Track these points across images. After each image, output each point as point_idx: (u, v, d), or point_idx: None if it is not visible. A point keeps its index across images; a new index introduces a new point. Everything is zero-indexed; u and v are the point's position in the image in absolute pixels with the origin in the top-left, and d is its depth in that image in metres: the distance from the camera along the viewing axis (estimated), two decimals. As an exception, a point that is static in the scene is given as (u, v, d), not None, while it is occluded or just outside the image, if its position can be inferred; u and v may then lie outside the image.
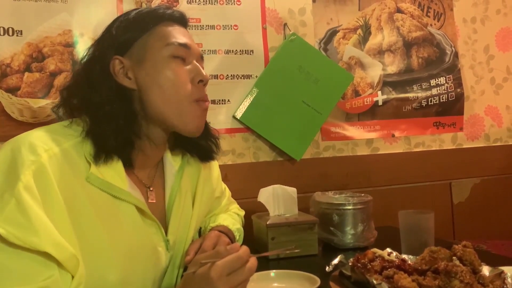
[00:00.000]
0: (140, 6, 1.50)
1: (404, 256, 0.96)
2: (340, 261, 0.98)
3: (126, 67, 0.82)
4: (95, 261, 0.73)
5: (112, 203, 0.77)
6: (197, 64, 0.87)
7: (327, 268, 0.98)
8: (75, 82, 0.83)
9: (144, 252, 0.82)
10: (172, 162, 0.95)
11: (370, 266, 0.86)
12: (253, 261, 0.71)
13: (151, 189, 0.89)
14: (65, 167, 0.72)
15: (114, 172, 0.78)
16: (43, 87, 1.39)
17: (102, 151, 0.77)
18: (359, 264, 0.87)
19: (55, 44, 1.40)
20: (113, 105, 0.79)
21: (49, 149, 0.71)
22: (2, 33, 1.35)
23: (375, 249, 0.94)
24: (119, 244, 0.77)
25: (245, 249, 0.71)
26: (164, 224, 0.89)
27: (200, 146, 0.95)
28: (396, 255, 0.94)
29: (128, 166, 0.82)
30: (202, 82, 0.86)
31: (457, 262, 0.82)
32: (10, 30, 1.36)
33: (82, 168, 0.75)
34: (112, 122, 0.78)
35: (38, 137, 0.72)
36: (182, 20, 0.90)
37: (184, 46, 0.85)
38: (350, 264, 0.91)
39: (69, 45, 1.42)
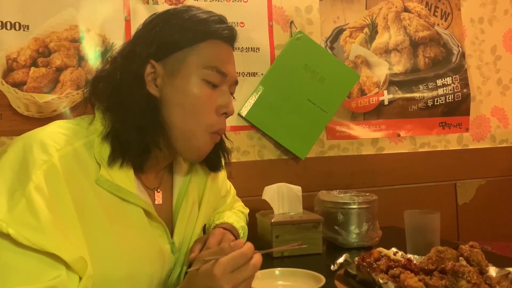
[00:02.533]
0: (147, 2, 1.50)
1: (410, 256, 0.95)
2: (345, 260, 0.97)
3: (157, 74, 0.80)
4: (102, 261, 0.72)
5: (120, 205, 0.76)
6: (229, 94, 0.84)
7: (332, 266, 0.98)
8: (110, 73, 0.80)
9: (150, 254, 0.81)
10: (182, 164, 0.94)
11: (376, 265, 0.86)
12: (257, 257, 0.71)
13: (158, 190, 0.88)
14: (76, 168, 0.71)
15: (123, 174, 0.77)
16: (49, 82, 1.39)
17: (120, 157, 0.76)
18: (364, 263, 0.87)
19: (62, 39, 1.40)
20: (143, 114, 0.77)
21: (60, 148, 0.70)
22: (9, 28, 1.35)
23: (380, 249, 0.94)
24: (126, 245, 0.76)
25: (249, 245, 0.70)
26: (170, 225, 0.89)
27: (210, 157, 0.91)
28: (402, 254, 0.94)
29: (139, 170, 0.81)
30: (226, 115, 0.83)
31: (464, 263, 0.81)
32: (17, 24, 1.36)
33: (92, 169, 0.74)
34: (139, 131, 0.76)
35: (49, 135, 0.71)
36: (231, 39, 0.86)
37: (222, 74, 0.81)
38: (355, 263, 0.90)
39: (76, 41, 1.42)
